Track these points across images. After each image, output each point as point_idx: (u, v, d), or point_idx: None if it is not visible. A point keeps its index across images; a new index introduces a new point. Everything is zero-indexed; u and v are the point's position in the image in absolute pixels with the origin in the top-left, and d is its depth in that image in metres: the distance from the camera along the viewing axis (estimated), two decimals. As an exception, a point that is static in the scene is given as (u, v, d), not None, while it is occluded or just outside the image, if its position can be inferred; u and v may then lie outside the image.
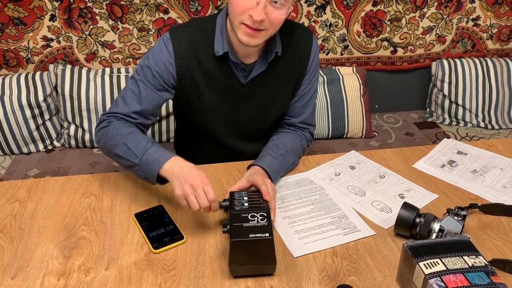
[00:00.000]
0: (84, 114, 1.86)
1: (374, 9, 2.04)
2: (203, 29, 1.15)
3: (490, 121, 2.14)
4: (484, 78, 2.13)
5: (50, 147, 1.91)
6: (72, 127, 1.89)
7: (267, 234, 0.86)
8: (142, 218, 1.05)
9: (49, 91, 1.85)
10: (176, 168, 1.00)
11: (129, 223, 1.05)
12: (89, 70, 1.88)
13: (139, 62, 1.17)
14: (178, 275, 0.90)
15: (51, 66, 1.88)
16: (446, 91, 2.16)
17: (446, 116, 2.20)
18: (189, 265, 0.93)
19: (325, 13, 2.00)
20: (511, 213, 1.06)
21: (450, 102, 2.17)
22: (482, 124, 2.15)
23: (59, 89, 1.86)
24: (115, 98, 1.86)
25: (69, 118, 1.88)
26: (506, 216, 1.07)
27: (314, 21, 2.01)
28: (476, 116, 2.15)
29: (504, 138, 1.50)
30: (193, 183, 0.95)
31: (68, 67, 1.87)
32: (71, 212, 1.08)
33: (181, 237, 0.99)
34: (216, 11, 1.93)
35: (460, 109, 2.16)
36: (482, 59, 2.17)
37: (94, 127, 1.78)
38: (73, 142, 1.90)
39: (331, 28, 2.04)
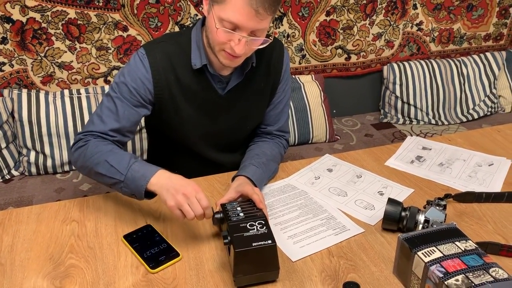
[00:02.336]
0: (45, 139, 1.78)
1: (328, 18, 2.13)
2: (179, 44, 1.15)
3: (439, 118, 2.30)
4: (431, 78, 2.29)
5: (7, 176, 1.80)
6: (32, 154, 1.79)
7: (269, 241, 0.87)
8: (132, 239, 1.03)
9: (5, 118, 1.75)
10: (164, 180, 0.99)
11: (119, 246, 1.02)
12: (47, 93, 1.81)
13: (113, 79, 1.15)
14: (181, 292, 0.89)
15: (5, 91, 1.78)
16: (398, 93, 2.29)
17: (399, 116, 2.32)
18: (190, 281, 0.92)
19: (282, 24, 2.07)
20: (482, 199, 1.15)
21: (402, 102, 2.30)
22: (433, 121, 2.30)
23: (16, 115, 1.76)
24: (77, 120, 1.80)
25: (29, 144, 1.78)
26: (477, 202, 1.15)
27: (273, 32, 2.07)
28: (427, 114, 2.30)
29: (460, 132, 1.62)
30: (185, 191, 0.95)
31: (24, 91, 1.78)
32: (54, 240, 1.03)
33: (177, 254, 0.98)
34: (176, 27, 1.93)
35: (412, 109, 2.30)
36: (427, 61, 2.33)
37: (66, 147, 1.70)
38: (33, 170, 1.81)
39: (289, 39, 2.11)
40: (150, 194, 1.02)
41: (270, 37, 1.08)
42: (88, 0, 1.77)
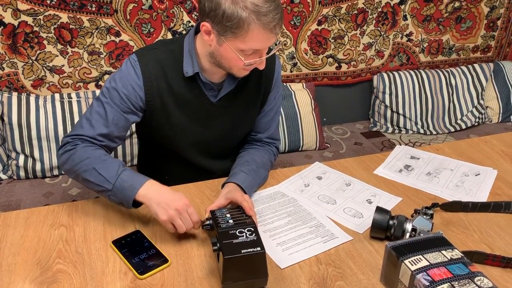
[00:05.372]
0: (35, 142, 1.77)
1: (319, 28, 2.16)
2: (171, 51, 1.16)
3: (428, 127, 2.33)
4: (420, 88, 2.32)
5: (-5, 180, 1.79)
6: (21, 157, 1.78)
7: (258, 248, 0.88)
8: (121, 244, 1.02)
9: (-6, 121, 1.74)
10: (154, 193, 1.01)
11: (108, 251, 1.01)
12: (37, 97, 1.80)
13: (104, 84, 1.15)
14: (169, 298, 0.89)
15: (-5, 94, 1.77)
16: (387, 102, 2.32)
17: (389, 125, 2.35)
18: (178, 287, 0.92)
19: (274, 32, 2.09)
20: (468, 209, 1.17)
21: (392, 111, 2.33)
22: (421, 131, 2.32)
23: (5, 118, 1.75)
24: (67, 124, 1.79)
25: (18, 148, 1.77)
26: (464, 212, 1.17)
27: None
28: (416, 123, 2.33)
29: (448, 142, 1.65)
30: (177, 206, 0.98)
31: (15, 94, 1.78)
32: (42, 245, 1.03)
33: (166, 260, 0.98)
34: (169, 33, 1.93)
35: (401, 118, 2.32)
36: (416, 71, 2.36)
37: (55, 151, 1.69)
38: (22, 173, 1.79)
39: (281, 47, 2.13)
40: (137, 203, 1.04)
41: None
42: (81, 5, 1.78)
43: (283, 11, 1.04)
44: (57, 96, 1.83)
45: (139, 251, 1.00)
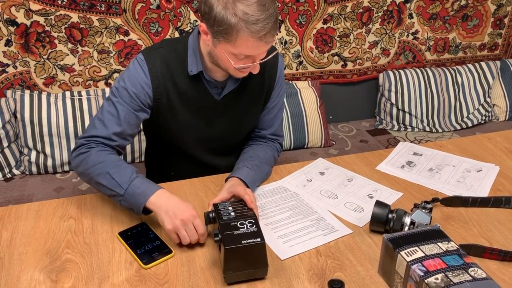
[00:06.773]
0: (46, 139, 1.82)
1: (325, 26, 2.18)
2: (176, 50, 1.19)
3: (434, 125, 2.33)
4: (426, 87, 2.33)
5: (9, 175, 1.84)
6: (33, 153, 1.83)
7: (258, 239, 0.91)
8: (127, 236, 1.06)
9: (7, 118, 1.79)
10: (164, 201, 1.03)
11: (114, 242, 1.05)
12: (49, 95, 1.85)
13: (113, 84, 1.18)
14: (172, 287, 0.92)
15: (8, 92, 1.83)
16: (393, 100, 2.33)
17: (394, 122, 2.36)
18: (181, 277, 0.95)
19: (280, 31, 2.11)
20: (468, 204, 1.18)
21: (398, 109, 2.33)
22: (427, 128, 2.33)
23: (18, 115, 1.81)
24: (77, 121, 1.84)
25: (30, 144, 1.82)
26: (464, 207, 1.18)
27: (270, 39, 2.11)
28: (422, 121, 2.33)
29: (452, 139, 1.66)
30: (183, 217, 0.99)
31: (27, 92, 1.83)
32: (51, 236, 1.07)
33: (170, 251, 1.01)
34: (176, 32, 1.97)
35: (407, 116, 2.33)
36: (422, 69, 2.37)
37: (66, 148, 1.74)
38: (34, 169, 1.85)
39: (286, 45, 2.15)
40: (147, 210, 1.06)
41: None
42: (91, 5, 1.82)
43: (277, 20, 1.04)
44: (67, 94, 1.88)
45: (144, 242, 1.03)
